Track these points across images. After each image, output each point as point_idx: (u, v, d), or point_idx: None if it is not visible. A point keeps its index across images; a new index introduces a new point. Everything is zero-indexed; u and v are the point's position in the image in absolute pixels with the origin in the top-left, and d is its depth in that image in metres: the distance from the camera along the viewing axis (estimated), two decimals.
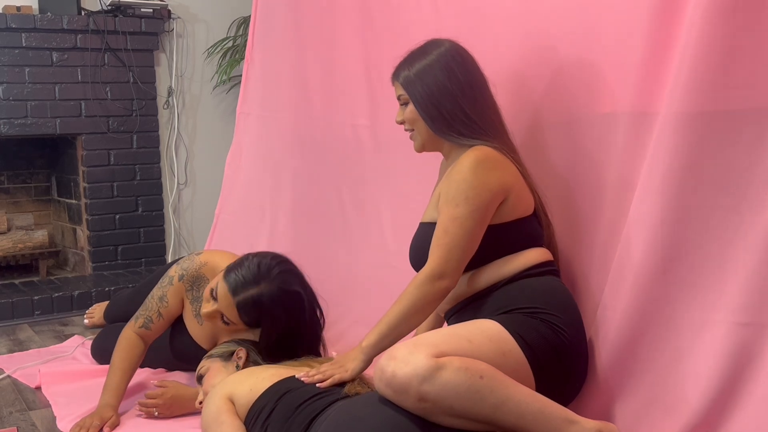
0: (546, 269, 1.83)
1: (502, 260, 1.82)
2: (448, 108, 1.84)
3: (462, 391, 1.49)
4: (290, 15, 3.07)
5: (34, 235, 3.90)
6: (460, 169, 1.78)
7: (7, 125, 3.60)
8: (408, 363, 1.49)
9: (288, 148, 3.12)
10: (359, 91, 2.70)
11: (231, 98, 4.15)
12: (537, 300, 1.74)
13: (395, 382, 1.50)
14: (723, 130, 1.57)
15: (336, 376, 1.77)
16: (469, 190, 1.75)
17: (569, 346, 1.72)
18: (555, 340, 1.70)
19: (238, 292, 1.99)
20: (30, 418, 2.21)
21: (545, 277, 1.82)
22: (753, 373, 1.55)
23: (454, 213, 1.75)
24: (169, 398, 2.11)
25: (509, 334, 1.66)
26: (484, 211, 1.76)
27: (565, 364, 1.72)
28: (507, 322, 1.69)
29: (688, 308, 1.65)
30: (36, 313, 3.40)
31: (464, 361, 1.52)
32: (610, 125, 1.83)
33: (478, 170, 1.76)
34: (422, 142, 1.92)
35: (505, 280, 1.80)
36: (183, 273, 2.28)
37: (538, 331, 1.69)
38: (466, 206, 1.74)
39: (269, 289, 2.00)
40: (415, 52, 1.91)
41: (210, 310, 2.05)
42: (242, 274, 2.00)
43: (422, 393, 1.48)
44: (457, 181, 1.77)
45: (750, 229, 1.56)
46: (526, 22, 2.06)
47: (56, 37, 3.66)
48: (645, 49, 1.73)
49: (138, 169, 3.97)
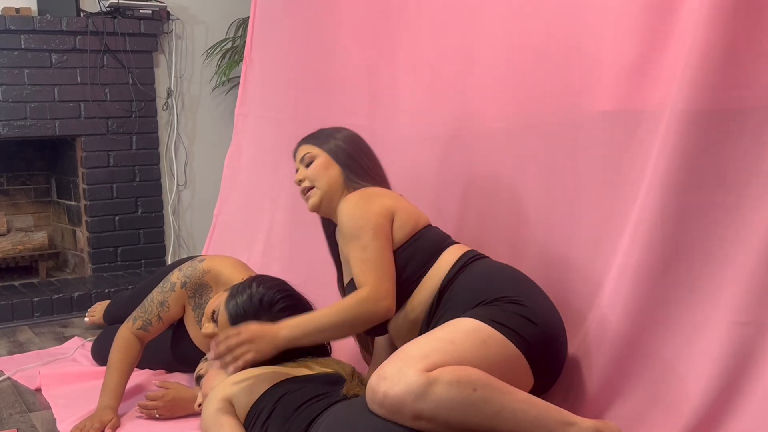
0: (471, 258, 1.89)
1: (426, 278, 1.88)
2: (354, 155, 2.06)
3: (457, 406, 1.48)
4: (289, 16, 3.07)
5: (34, 236, 3.90)
6: (342, 213, 1.93)
7: (7, 127, 3.60)
8: (399, 381, 1.48)
9: (286, 149, 3.11)
10: (357, 91, 2.70)
11: (230, 99, 4.15)
12: (485, 288, 1.78)
13: (388, 402, 1.48)
14: (723, 129, 1.57)
15: (248, 356, 1.72)
16: (359, 220, 1.88)
17: (537, 309, 1.74)
18: (522, 310, 1.71)
19: (237, 324, 1.96)
20: (30, 419, 2.21)
21: (475, 266, 1.87)
22: (753, 372, 1.55)
23: (360, 245, 1.86)
24: (169, 400, 2.11)
25: (483, 323, 1.67)
26: (383, 230, 1.88)
27: (541, 327, 1.72)
28: (476, 315, 1.70)
29: (688, 307, 1.66)
30: (36, 314, 3.40)
31: (455, 372, 1.51)
32: (608, 123, 1.83)
33: (359, 203, 1.92)
34: (321, 196, 2.02)
35: (438, 291, 1.85)
36: (186, 280, 2.27)
37: (504, 311, 1.71)
38: (365, 233, 1.86)
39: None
40: (316, 131, 2.15)
41: (209, 333, 2.06)
42: (243, 306, 1.97)
43: (417, 411, 1.47)
44: (346, 222, 1.91)
45: (750, 227, 1.56)
46: (523, 21, 2.05)
47: (55, 39, 3.66)
48: (641, 47, 1.73)
49: (137, 170, 3.97)
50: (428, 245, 1.93)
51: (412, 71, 2.44)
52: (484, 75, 2.17)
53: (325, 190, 2.02)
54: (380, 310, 1.81)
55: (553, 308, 1.82)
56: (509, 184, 2.12)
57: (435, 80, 2.35)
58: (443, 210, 2.34)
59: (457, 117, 2.28)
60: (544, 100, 2.01)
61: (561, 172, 1.99)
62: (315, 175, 2.04)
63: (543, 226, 2.02)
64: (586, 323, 1.87)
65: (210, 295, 2.27)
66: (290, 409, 1.71)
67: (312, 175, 2.04)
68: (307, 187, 2.05)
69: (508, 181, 2.13)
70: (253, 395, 1.80)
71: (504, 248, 2.12)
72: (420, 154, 2.42)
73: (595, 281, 1.87)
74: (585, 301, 1.89)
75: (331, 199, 2.03)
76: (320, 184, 2.03)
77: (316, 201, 2.04)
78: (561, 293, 1.94)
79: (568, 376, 1.89)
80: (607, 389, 1.79)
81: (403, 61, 2.48)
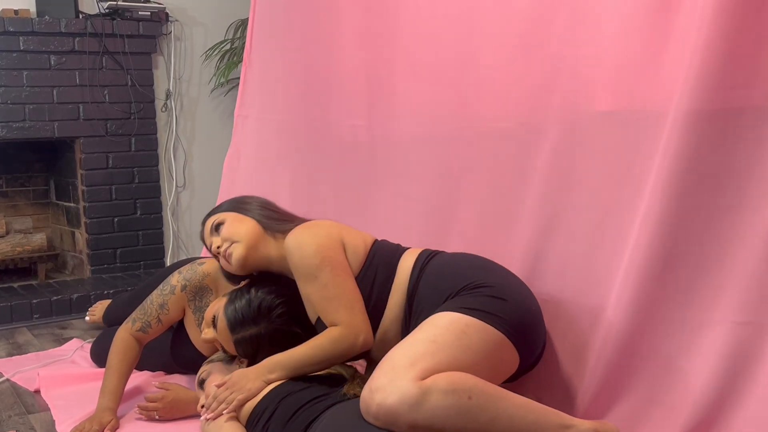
0: (426, 258, 1.89)
1: (391, 294, 1.87)
2: (262, 205, 2.06)
3: (452, 414, 1.47)
4: (288, 17, 3.07)
5: (33, 238, 3.90)
6: (291, 254, 1.87)
7: (5, 129, 3.59)
8: (393, 392, 1.47)
9: (285, 150, 3.12)
10: (356, 92, 2.70)
11: (229, 101, 4.15)
12: (449, 282, 1.79)
13: (383, 414, 1.48)
14: (725, 129, 1.57)
15: (240, 397, 1.78)
16: (311, 259, 1.83)
17: (502, 286, 1.75)
18: (489, 291, 1.72)
19: (236, 330, 1.97)
20: (29, 421, 2.21)
21: (433, 264, 1.87)
22: (753, 372, 1.55)
23: (320, 284, 1.83)
24: (169, 401, 2.11)
25: (457, 314, 1.67)
26: (338, 263, 1.85)
27: (511, 301, 1.72)
28: (448, 308, 1.70)
29: (687, 307, 1.66)
30: (35, 316, 3.40)
31: (450, 380, 1.50)
32: (607, 123, 1.83)
33: (305, 240, 1.86)
34: (244, 246, 1.94)
35: (407, 301, 1.85)
36: (186, 283, 2.27)
37: (473, 296, 1.72)
38: (323, 271, 1.82)
39: (267, 331, 1.96)
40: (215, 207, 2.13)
41: (209, 338, 2.05)
42: (242, 312, 1.96)
43: (412, 422, 1.47)
44: (298, 263, 1.86)
45: (750, 228, 1.56)
46: (523, 21, 2.05)
47: (54, 41, 3.66)
48: (642, 47, 1.73)
49: (136, 172, 3.96)
50: (385, 260, 1.91)
51: (412, 72, 2.44)
52: (484, 75, 2.17)
53: (246, 241, 1.94)
54: (358, 345, 1.80)
55: (518, 281, 1.83)
56: (509, 184, 2.12)
57: (435, 80, 2.35)
58: (442, 210, 2.34)
59: (456, 117, 2.28)
60: (544, 100, 2.01)
61: (561, 172, 1.99)
62: (230, 233, 1.96)
63: (543, 226, 2.02)
64: (585, 323, 1.87)
65: (210, 298, 2.27)
66: (291, 410, 1.71)
67: (226, 235, 1.96)
68: (226, 247, 1.95)
69: (508, 180, 2.13)
70: (256, 397, 1.80)
71: (503, 248, 2.11)
72: (419, 154, 2.42)
73: (595, 281, 1.87)
74: (585, 302, 1.89)
75: (256, 248, 1.95)
76: (239, 236, 1.95)
77: (240, 252, 1.93)
78: (560, 293, 1.94)
79: (569, 376, 1.89)
80: (607, 389, 1.79)
81: (402, 61, 2.48)
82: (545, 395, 1.91)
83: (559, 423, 1.54)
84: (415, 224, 2.43)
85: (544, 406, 1.58)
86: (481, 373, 1.57)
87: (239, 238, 1.95)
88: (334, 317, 1.81)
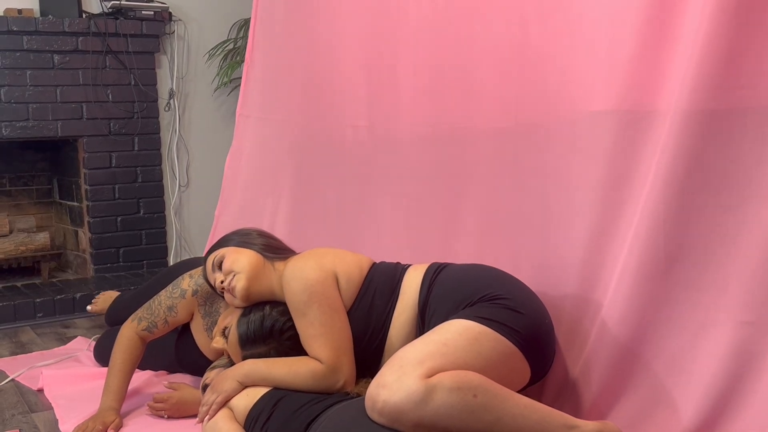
0: (436, 271, 1.88)
1: (396, 313, 1.87)
2: (261, 236, 2.07)
3: (457, 413, 1.47)
4: (290, 17, 3.07)
5: (36, 237, 3.90)
6: (285, 288, 1.88)
7: (9, 128, 3.60)
8: (399, 389, 1.47)
9: (287, 150, 3.12)
10: (358, 92, 2.70)
11: (232, 100, 4.15)
12: (463, 292, 1.78)
13: (387, 410, 1.48)
14: (726, 129, 1.56)
15: (218, 399, 1.84)
16: (300, 294, 1.84)
17: (519, 299, 1.74)
18: (505, 302, 1.72)
19: (247, 347, 1.97)
20: (32, 420, 2.21)
21: (444, 276, 1.86)
22: (756, 372, 1.55)
23: (307, 321, 1.83)
24: (175, 402, 2.13)
25: (472, 321, 1.67)
26: (327, 299, 1.84)
27: (527, 315, 1.72)
28: (464, 315, 1.70)
29: (690, 307, 1.65)
30: (38, 315, 3.41)
31: (455, 378, 1.50)
32: (607, 123, 1.83)
33: (294, 275, 1.86)
34: (246, 277, 1.93)
35: (419, 315, 1.84)
36: (197, 288, 2.26)
37: (489, 307, 1.71)
38: (310, 308, 1.83)
39: (277, 350, 1.96)
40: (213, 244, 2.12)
41: (219, 348, 2.05)
42: (254, 330, 1.95)
43: (417, 419, 1.47)
44: (288, 296, 1.87)
45: (753, 227, 1.56)
46: (522, 21, 2.05)
47: (57, 40, 3.66)
48: (641, 47, 1.73)
49: (139, 171, 3.97)
50: (384, 281, 1.91)
51: (412, 72, 2.44)
52: (484, 75, 2.17)
53: (248, 271, 1.93)
54: (337, 384, 1.80)
55: (532, 294, 1.82)
56: (508, 184, 2.12)
57: (435, 80, 2.35)
58: (442, 210, 2.34)
59: (456, 117, 2.28)
60: (543, 100, 2.01)
61: (560, 172, 1.99)
62: (231, 265, 1.95)
63: (542, 226, 2.02)
64: (587, 324, 1.87)
65: (221, 303, 2.26)
66: (289, 411, 1.72)
67: (228, 267, 1.95)
68: (229, 280, 1.94)
69: (507, 180, 2.13)
70: (252, 399, 1.81)
71: (503, 248, 2.12)
72: (419, 155, 2.42)
73: (595, 281, 1.87)
74: (585, 302, 1.89)
75: (258, 278, 1.94)
76: (240, 267, 1.94)
77: (243, 283, 1.92)
78: (560, 294, 1.94)
79: (571, 376, 1.89)
80: (609, 389, 1.79)
81: (403, 61, 2.48)
82: (548, 395, 1.91)
83: (563, 423, 1.54)
84: (415, 224, 2.43)
85: (548, 407, 1.58)
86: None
87: (240, 268, 1.95)
88: (318, 353, 1.81)
